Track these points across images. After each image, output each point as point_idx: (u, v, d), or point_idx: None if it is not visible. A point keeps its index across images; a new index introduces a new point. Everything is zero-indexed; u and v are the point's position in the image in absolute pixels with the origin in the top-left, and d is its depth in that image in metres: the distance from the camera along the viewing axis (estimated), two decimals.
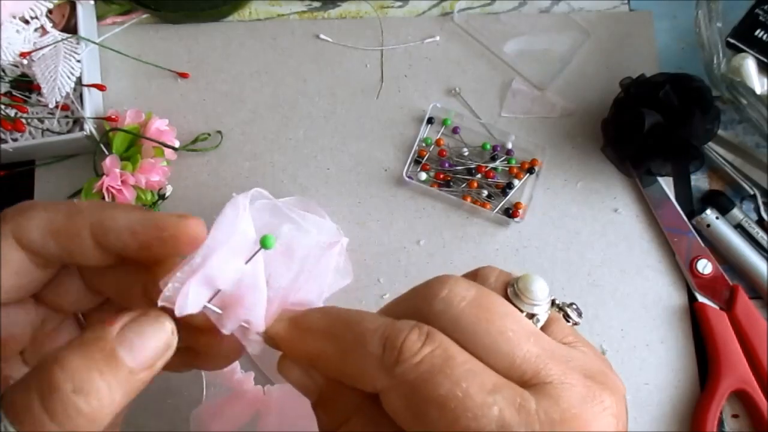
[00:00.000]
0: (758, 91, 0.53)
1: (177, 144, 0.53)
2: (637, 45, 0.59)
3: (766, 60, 0.54)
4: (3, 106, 0.53)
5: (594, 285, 0.54)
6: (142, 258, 0.27)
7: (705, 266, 0.53)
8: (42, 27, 0.55)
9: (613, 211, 0.56)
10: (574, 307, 0.30)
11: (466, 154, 0.56)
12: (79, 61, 0.53)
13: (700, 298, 0.53)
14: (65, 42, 0.54)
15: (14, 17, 0.53)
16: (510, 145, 0.56)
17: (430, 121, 0.56)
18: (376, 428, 0.25)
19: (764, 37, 0.54)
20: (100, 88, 0.54)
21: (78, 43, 0.54)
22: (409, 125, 0.57)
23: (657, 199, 0.55)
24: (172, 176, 0.54)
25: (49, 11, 0.55)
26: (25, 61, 0.53)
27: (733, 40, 0.54)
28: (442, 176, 0.55)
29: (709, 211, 0.54)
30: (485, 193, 0.55)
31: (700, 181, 0.57)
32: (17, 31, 0.53)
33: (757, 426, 0.51)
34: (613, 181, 0.56)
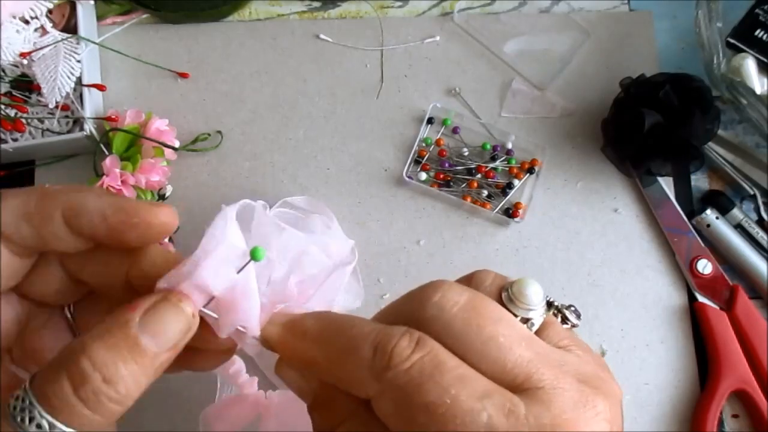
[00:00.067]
0: (758, 91, 0.53)
1: (177, 144, 0.53)
2: (637, 45, 0.59)
3: (766, 60, 0.54)
4: (3, 106, 0.53)
5: (594, 285, 0.54)
6: (114, 242, 0.27)
7: (705, 266, 0.53)
8: (42, 27, 0.55)
9: (613, 211, 0.56)
10: (573, 309, 0.29)
11: (466, 154, 0.56)
12: (79, 61, 0.53)
13: (700, 298, 0.53)
14: (65, 42, 0.54)
15: (14, 17, 0.53)
16: (510, 145, 0.56)
17: (430, 121, 0.56)
18: None
19: (764, 37, 0.54)
20: (100, 88, 0.54)
21: (78, 43, 0.54)
22: (409, 125, 0.57)
23: (657, 199, 0.55)
24: (172, 176, 0.54)
25: (49, 11, 0.55)
26: (25, 61, 0.53)
27: (733, 40, 0.54)
28: (442, 176, 0.55)
29: (709, 211, 0.54)
30: (485, 193, 0.55)
31: (700, 181, 0.57)
32: (17, 31, 0.53)
33: (757, 426, 0.51)
34: (613, 181, 0.56)
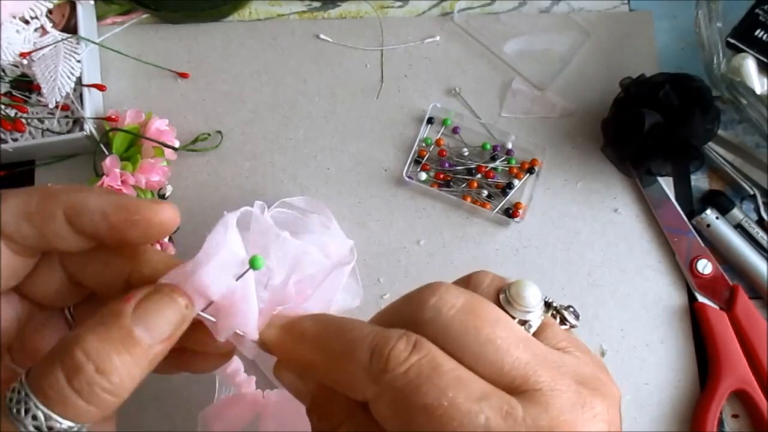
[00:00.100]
0: (758, 91, 0.53)
1: (177, 144, 0.53)
2: (637, 45, 0.59)
3: (766, 60, 0.54)
4: (3, 106, 0.53)
5: (594, 285, 0.54)
6: (115, 241, 0.27)
7: (705, 266, 0.53)
8: (42, 27, 0.55)
9: (613, 211, 0.56)
10: (571, 309, 0.29)
11: (466, 154, 0.56)
12: (79, 61, 0.53)
13: (700, 298, 0.53)
14: (65, 42, 0.54)
15: (14, 17, 0.53)
16: (510, 145, 0.56)
17: (430, 121, 0.56)
18: None
19: (764, 37, 0.54)
20: (100, 88, 0.54)
21: (78, 43, 0.54)
22: (409, 125, 0.57)
23: (657, 199, 0.55)
24: (172, 176, 0.54)
25: (49, 11, 0.55)
26: (25, 61, 0.53)
27: (733, 40, 0.54)
28: (442, 176, 0.55)
29: (709, 211, 0.54)
30: (485, 193, 0.55)
31: (700, 181, 0.57)
32: (17, 31, 0.53)
33: (757, 426, 0.51)
34: (613, 181, 0.56)
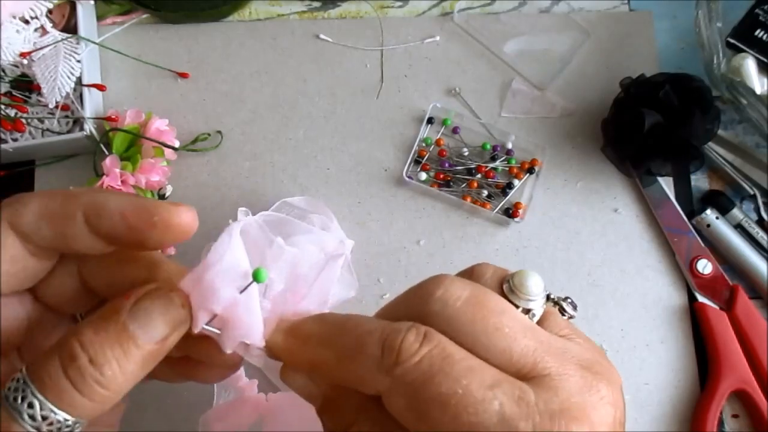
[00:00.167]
0: (758, 91, 0.53)
1: (177, 144, 0.53)
2: (637, 45, 0.59)
3: (766, 60, 0.54)
4: (3, 106, 0.53)
5: (594, 285, 0.54)
6: (133, 243, 0.27)
7: (705, 266, 0.53)
8: (42, 27, 0.55)
9: (613, 211, 0.56)
10: (569, 300, 0.30)
11: (466, 154, 0.56)
12: (79, 61, 0.53)
13: (700, 298, 0.53)
14: (65, 42, 0.54)
15: (14, 17, 0.53)
16: (510, 145, 0.56)
17: (430, 121, 0.56)
18: (382, 429, 0.26)
19: (764, 37, 0.54)
20: (100, 88, 0.54)
21: (78, 43, 0.54)
22: (409, 125, 0.57)
23: (657, 199, 0.55)
24: (172, 176, 0.55)
25: (49, 11, 0.55)
26: (25, 61, 0.53)
27: (733, 40, 0.54)
28: (442, 176, 0.55)
29: (709, 211, 0.54)
30: (485, 193, 0.55)
31: (700, 181, 0.57)
32: (17, 31, 0.53)
33: (757, 426, 0.51)
34: (613, 181, 0.56)
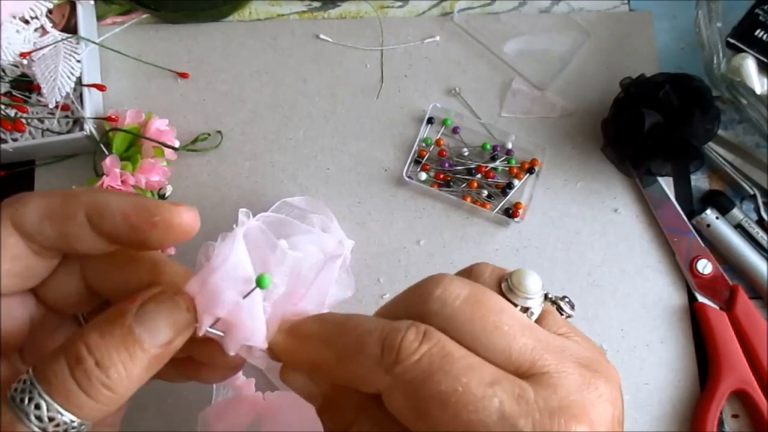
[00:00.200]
0: (758, 91, 0.53)
1: (177, 144, 0.54)
2: (637, 45, 0.59)
3: (766, 60, 0.54)
4: (3, 106, 0.53)
5: (594, 285, 0.54)
6: (135, 242, 0.27)
7: (705, 266, 0.53)
8: (42, 27, 0.55)
9: (613, 211, 0.56)
10: (567, 300, 0.30)
11: (466, 154, 0.56)
12: (79, 61, 0.53)
13: (700, 298, 0.53)
14: (65, 42, 0.54)
15: (14, 17, 0.53)
16: (510, 145, 0.56)
17: (430, 121, 0.56)
18: (382, 429, 0.26)
19: (764, 37, 0.54)
20: (100, 88, 0.54)
21: (78, 43, 0.54)
22: (409, 125, 0.57)
23: (657, 199, 0.55)
24: (172, 176, 0.55)
25: (49, 11, 0.55)
26: (25, 61, 0.53)
27: (733, 40, 0.54)
28: (442, 176, 0.55)
29: (709, 211, 0.54)
30: (485, 193, 0.55)
31: (700, 181, 0.57)
32: (17, 31, 0.53)
33: (757, 426, 0.51)
34: (613, 181, 0.56)
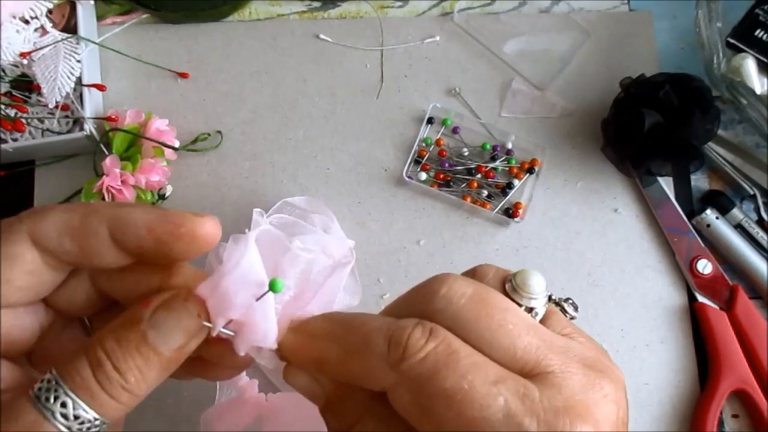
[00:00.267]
0: (758, 91, 0.53)
1: (177, 144, 0.53)
2: (637, 45, 0.59)
3: (766, 60, 0.54)
4: (3, 106, 0.53)
5: (594, 285, 0.54)
6: (159, 255, 0.27)
7: (705, 266, 0.53)
8: (42, 27, 0.55)
9: (613, 211, 0.56)
10: (571, 301, 0.30)
11: (466, 154, 0.56)
12: (79, 61, 0.53)
13: (700, 298, 0.53)
14: (65, 42, 0.54)
15: (14, 17, 0.53)
16: (510, 145, 0.56)
17: (430, 121, 0.56)
18: (386, 428, 0.26)
19: (764, 37, 0.54)
20: (100, 88, 0.54)
21: (78, 43, 0.54)
22: (409, 125, 0.57)
23: (657, 199, 0.55)
24: (172, 176, 0.54)
25: (49, 11, 0.55)
26: (25, 61, 0.53)
27: (733, 40, 0.54)
28: (442, 176, 0.55)
29: (709, 211, 0.54)
30: (485, 193, 0.55)
31: (700, 181, 0.57)
32: (17, 31, 0.53)
33: (757, 426, 0.51)
34: (613, 181, 0.56)
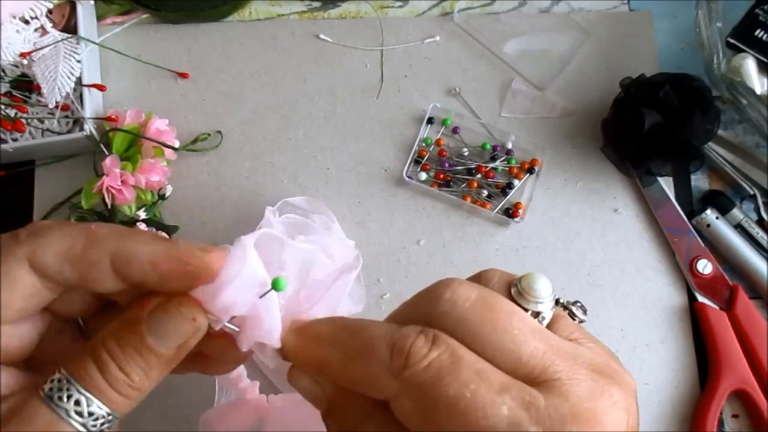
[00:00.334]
0: (758, 91, 0.53)
1: (177, 144, 0.53)
2: (637, 45, 0.59)
3: (766, 60, 0.54)
4: (3, 106, 0.53)
5: (594, 285, 0.54)
6: (162, 287, 0.27)
7: (705, 266, 0.53)
8: (42, 27, 0.54)
9: (613, 211, 0.56)
10: (579, 305, 0.30)
11: (466, 154, 0.56)
12: (79, 61, 0.53)
13: (700, 298, 0.53)
14: (65, 42, 0.54)
15: (14, 17, 0.53)
16: (510, 145, 0.56)
17: (430, 121, 0.56)
18: None
19: (764, 37, 0.54)
20: (100, 88, 0.54)
21: (78, 43, 0.54)
22: (409, 125, 0.57)
23: (657, 199, 0.55)
24: (172, 176, 0.54)
25: (49, 11, 0.55)
26: (25, 61, 0.53)
27: (733, 40, 0.54)
28: (442, 176, 0.55)
29: (709, 211, 0.54)
30: (485, 193, 0.55)
31: (700, 181, 0.57)
32: (17, 31, 0.53)
33: (757, 426, 0.51)
34: (613, 181, 0.56)
